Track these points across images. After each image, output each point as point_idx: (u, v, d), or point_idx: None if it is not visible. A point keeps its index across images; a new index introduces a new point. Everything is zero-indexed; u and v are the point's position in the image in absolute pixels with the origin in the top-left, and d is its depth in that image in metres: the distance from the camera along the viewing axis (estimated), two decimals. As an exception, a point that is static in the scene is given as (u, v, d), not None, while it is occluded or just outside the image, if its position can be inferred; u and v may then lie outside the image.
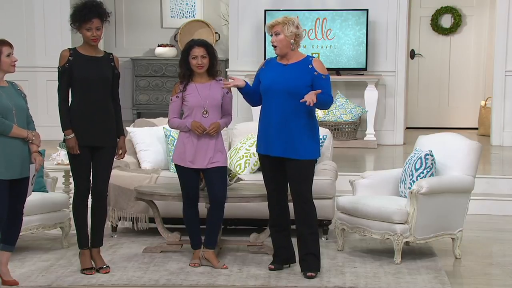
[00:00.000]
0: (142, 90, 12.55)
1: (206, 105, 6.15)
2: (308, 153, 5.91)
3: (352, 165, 9.55)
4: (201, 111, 6.16)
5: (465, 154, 6.58)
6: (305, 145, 5.90)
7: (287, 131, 5.87)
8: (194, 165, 6.16)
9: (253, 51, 11.25)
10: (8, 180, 5.51)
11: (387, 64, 11.18)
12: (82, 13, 5.85)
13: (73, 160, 5.96)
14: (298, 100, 5.80)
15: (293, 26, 5.92)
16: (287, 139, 5.88)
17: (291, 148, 5.88)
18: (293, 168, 5.91)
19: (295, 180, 5.93)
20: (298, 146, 5.88)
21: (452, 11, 12.59)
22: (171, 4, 12.93)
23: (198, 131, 6.12)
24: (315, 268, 5.97)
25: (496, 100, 11.04)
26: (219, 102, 6.20)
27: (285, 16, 6.01)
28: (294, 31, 5.93)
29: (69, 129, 5.89)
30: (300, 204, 5.94)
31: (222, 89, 6.19)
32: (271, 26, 5.96)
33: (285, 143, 5.89)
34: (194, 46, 6.16)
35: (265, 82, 5.98)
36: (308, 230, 5.96)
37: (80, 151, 5.90)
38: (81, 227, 6.04)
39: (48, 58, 11.10)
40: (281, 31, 5.91)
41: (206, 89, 6.17)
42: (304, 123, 5.89)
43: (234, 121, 6.80)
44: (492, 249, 7.02)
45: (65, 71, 5.89)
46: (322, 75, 5.91)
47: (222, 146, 6.23)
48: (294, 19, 5.97)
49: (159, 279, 5.91)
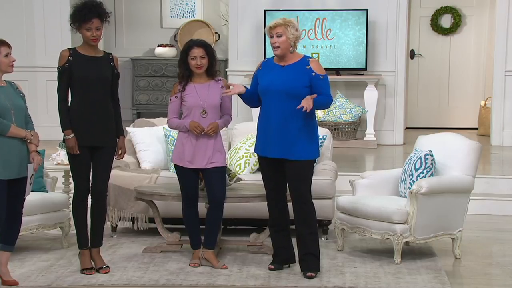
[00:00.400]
0: (142, 90, 12.55)
1: (204, 105, 6.15)
2: (306, 154, 5.92)
3: (352, 165, 9.55)
4: (200, 111, 6.16)
5: (465, 154, 6.58)
6: (304, 145, 5.90)
7: (286, 132, 5.88)
8: (193, 165, 6.16)
9: (253, 51, 11.25)
10: (6, 180, 5.50)
11: (387, 64, 11.18)
12: (81, 13, 5.85)
13: (73, 160, 5.96)
14: (296, 101, 5.81)
15: (294, 29, 5.93)
16: (286, 140, 5.88)
17: (289, 149, 5.89)
18: (292, 169, 5.91)
19: (294, 181, 5.94)
20: (296, 147, 5.88)
21: (452, 11, 12.59)
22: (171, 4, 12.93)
23: (196, 131, 6.12)
24: (315, 268, 5.97)
25: (496, 100, 11.04)
26: (218, 102, 6.20)
27: (285, 18, 6.00)
28: (295, 34, 5.94)
29: (69, 129, 5.89)
30: (299, 204, 5.94)
31: (221, 89, 6.20)
32: (272, 27, 5.95)
33: (283, 144, 5.89)
34: (193, 47, 6.15)
35: (263, 84, 5.99)
36: (308, 230, 5.96)
37: (80, 151, 5.90)
38: (80, 227, 6.04)
39: (48, 58, 11.10)
40: (283, 33, 5.91)
41: (205, 90, 6.18)
42: (303, 124, 5.90)
43: (234, 121, 6.80)
44: (492, 249, 7.02)
45: (64, 71, 5.89)
46: (319, 75, 5.91)
47: (221, 146, 6.23)
48: (294, 22, 5.98)
49: (159, 279, 5.91)
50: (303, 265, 6.00)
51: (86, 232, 6.06)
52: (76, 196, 6.01)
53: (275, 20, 5.98)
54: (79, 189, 5.98)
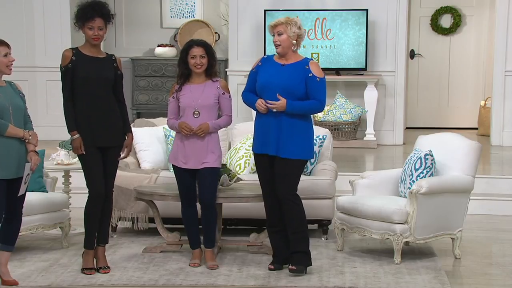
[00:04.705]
0: (142, 90, 12.53)
1: (196, 106, 6.14)
2: (298, 153, 5.92)
3: (351, 165, 9.54)
4: (192, 111, 6.16)
5: (464, 154, 6.58)
6: (297, 145, 5.91)
7: (281, 130, 5.90)
8: (186, 165, 6.18)
9: (253, 51, 11.24)
10: (5, 180, 5.50)
11: (387, 64, 11.18)
12: (85, 11, 5.87)
13: (85, 163, 5.94)
14: (293, 100, 5.85)
15: (295, 27, 5.94)
16: (280, 137, 5.91)
17: (282, 147, 5.90)
18: (280, 166, 5.93)
19: (280, 179, 5.95)
20: (289, 146, 5.90)
21: (452, 11, 12.59)
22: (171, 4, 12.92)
23: (184, 132, 6.12)
24: (302, 263, 5.96)
25: (496, 100, 11.04)
26: (212, 103, 6.17)
27: (287, 17, 6.03)
28: (296, 32, 5.95)
29: (75, 130, 5.89)
30: (283, 203, 5.96)
31: (217, 89, 6.18)
32: (273, 25, 5.98)
33: (278, 142, 5.91)
34: (194, 46, 6.16)
35: (262, 80, 6.01)
36: (291, 230, 6.00)
37: (90, 152, 5.89)
38: (91, 229, 6.02)
39: (48, 58, 11.11)
40: (284, 31, 5.93)
41: (199, 90, 6.17)
42: (297, 122, 5.91)
43: (234, 121, 6.79)
44: (492, 249, 7.02)
45: (68, 71, 5.89)
46: (316, 77, 5.93)
47: (215, 146, 6.20)
48: (296, 20, 5.99)
49: (159, 279, 5.91)
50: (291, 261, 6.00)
51: (95, 234, 6.05)
52: (90, 201, 5.96)
53: (278, 19, 6.01)
54: (93, 194, 5.94)
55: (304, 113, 5.98)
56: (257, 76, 6.07)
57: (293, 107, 5.88)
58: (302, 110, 5.94)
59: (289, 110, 5.88)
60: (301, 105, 5.92)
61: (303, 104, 5.92)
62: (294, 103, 5.88)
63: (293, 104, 5.88)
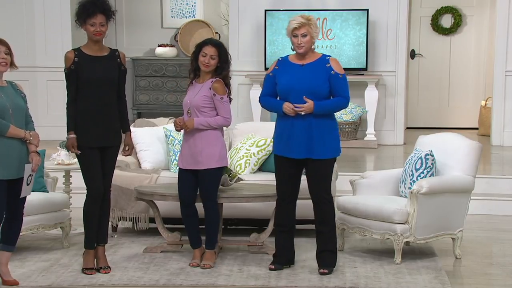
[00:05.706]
0: (142, 90, 12.54)
1: (189, 105, 6.15)
2: (329, 152, 5.93)
3: (352, 165, 9.54)
4: (187, 110, 6.17)
5: (465, 154, 6.58)
6: (326, 144, 5.90)
7: (309, 132, 5.87)
8: (187, 166, 6.17)
9: (253, 51, 11.24)
10: (6, 180, 5.50)
11: (387, 64, 11.18)
12: (86, 8, 5.86)
13: (84, 162, 5.95)
14: (318, 99, 5.83)
15: (315, 26, 5.90)
16: (310, 139, 5.88)
17: (313, 148, 5.88)
18: (314, 168, 5.92)
19: (316, 180, 5.95)
20: (319, 146, 5.88)
21: (452, 11, 12.59)
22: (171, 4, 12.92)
23: (176, 129, 6.15)
24: (330, 264, 6.02)
25: (496, 100, 11.04)
26: (201, 103, 6.11)
27: (304, 15, 5.94)
28: (317, 31, 5.92)
29: (72, 131, 5.90)
30: (320, 204, 5.98)
31: (209, 90, 6.14)
32: (297, 28, 5.86)
33: (307, 144, 5.88)
34: (208, 44, 6.15)
35: (283, 83, 5.94)
36: (327, 229, 6.02)
37: (89, 151, 5.89)
38: (91, 229, 6.02)
39: (48, 58, 11.11)
40: (308, 32, 5.87)
41: (196, 89, 6.18)
42: (325, 122, 5.91)
43: (234, 121, 6.78)
44: (492, 249, 7.02)
45: (71, 73, 5.88)
46: (339, 74, 5.91)
47: (212, 147, 6.18)
48: (313, 18, 5.93)
49: (159, 279, 5.91)
50: (320, 262, 6.04)
51: (95, 234, 6.06)
52: (89, 200, 5.97)
53: (297, 20, 5.89)
54: (92, 192, 5.95)
55: (331, 111, 5.96)
56: (275, 79, 5.99)
57: (321, 108, 5.85)
58: (329, 109, 5.92)
59: (317, 111, 5.84)
60: (328, 104, 5.90)
61: (330, 103, 5.90)
62: (321, 104, 5.85)
63: (321, 105, 5.85)
